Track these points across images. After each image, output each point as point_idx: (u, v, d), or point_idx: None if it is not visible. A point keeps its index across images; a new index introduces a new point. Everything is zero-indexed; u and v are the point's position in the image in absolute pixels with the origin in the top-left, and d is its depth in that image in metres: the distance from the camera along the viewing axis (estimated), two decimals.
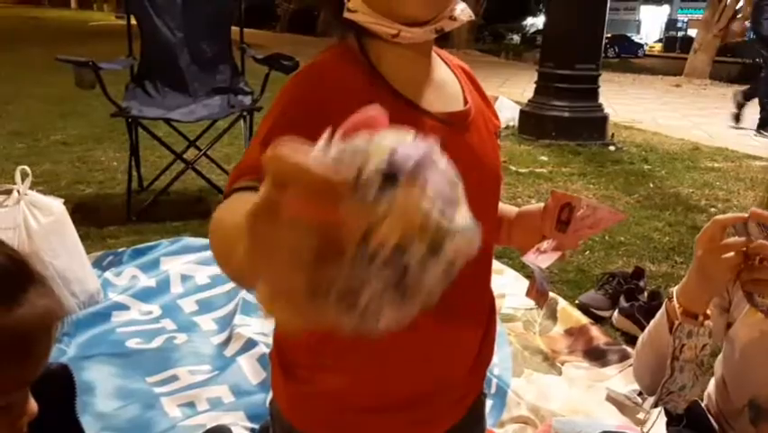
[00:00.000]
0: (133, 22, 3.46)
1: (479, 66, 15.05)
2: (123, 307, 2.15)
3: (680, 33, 43.22)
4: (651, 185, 4.27)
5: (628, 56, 31.80)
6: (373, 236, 0.34)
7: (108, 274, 2.36)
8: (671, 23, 48.05)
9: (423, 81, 0.83)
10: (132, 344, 1.95)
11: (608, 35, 33.83)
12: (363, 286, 0.35)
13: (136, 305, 2.18)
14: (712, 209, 3.76)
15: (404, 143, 0.36)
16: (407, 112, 0.78)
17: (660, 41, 43.53)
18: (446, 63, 0.90)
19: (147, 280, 2.32)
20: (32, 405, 0.75)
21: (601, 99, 5.68)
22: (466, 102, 0.87)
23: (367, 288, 0.35)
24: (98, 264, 2.41)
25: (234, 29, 3.60)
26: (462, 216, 0.38)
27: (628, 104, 8.78)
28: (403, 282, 0.36)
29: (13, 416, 0.72)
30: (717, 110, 8.69)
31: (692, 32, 26.38)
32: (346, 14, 0.78)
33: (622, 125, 6.52)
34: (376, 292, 0.35)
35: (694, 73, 14.26)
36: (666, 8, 49.63)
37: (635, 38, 39.06)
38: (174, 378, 1.78)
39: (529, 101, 5.78)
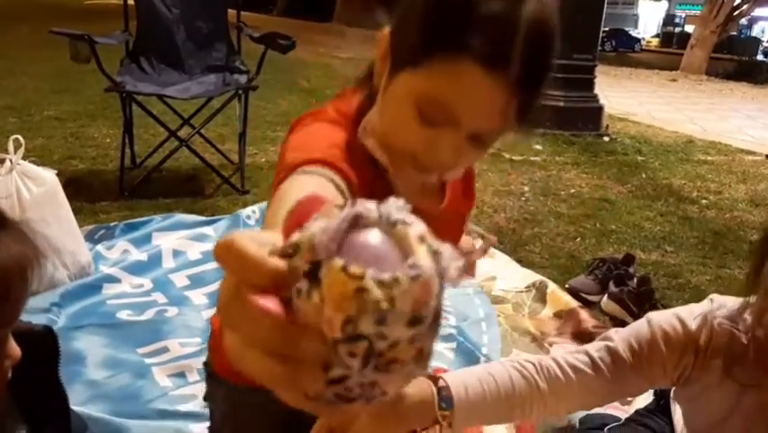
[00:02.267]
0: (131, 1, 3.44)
1: None
2: (114, 279, 2.15)
3: (677, 29, 43.23)
4: (644, 175, 4.29)
5: (625, 50, 31.78)
6: (325, 327, 0.32)
7: (100, 247, 2.35)
8: (668, 19, 48.07)
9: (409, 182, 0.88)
10: (123, 315, 1.96)
11: (606, 29, 33.89)
12: (345, 379, 0.33)
13: (127, 278, 2.17)
14: (703, 201, 3.79)
15: (328, 222, 0.33)
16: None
17: (657, 36, 43.52)
18: None
19: (139, 255, 2.31)
20: (15, 349, 0.75)
21: (597, 91, 5.69)
22: (443, 202, 0.96)
23: (350, 377, 0.33)
24: (90, 238, 2.41)
25: (231, 12, 3.58)
26: (417, 257, 0.33)
27: (624, 96, 8.80)
28: (377, 358, 0.33)
29: None
30: (713, 105, 8.74)
31: (690, 28, 26.41)
32: (359, 133, 0.85)
33: (617, 117, 6.54)
34: (361, 377, 0.33)
35: (690, 68, 14.30)
36: (664, 3, 49.63)
37: (633, 32, 39.02)
38: (164, 349, 1.78)
39: None
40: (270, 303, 0.32)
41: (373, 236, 0.34)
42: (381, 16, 0.82)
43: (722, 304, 1.00)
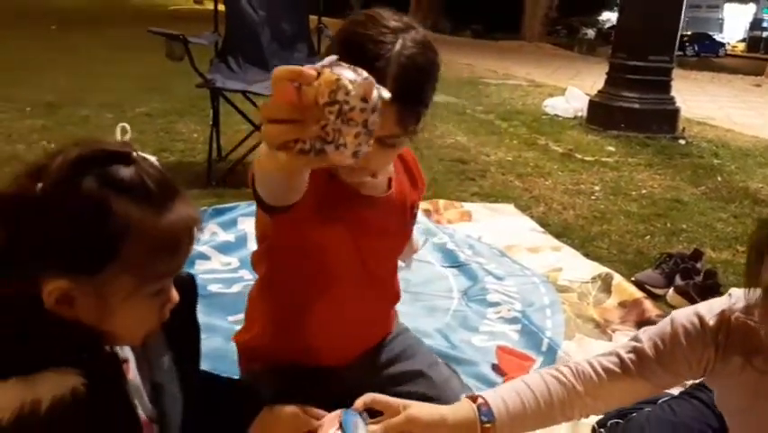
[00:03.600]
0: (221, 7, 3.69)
1: (550, 59, 14.91)
2: (204, 257, 2.35)
3: (765, 33, 41.40)
4: (719, 178, 4.24)
5: (708, 55, 30.72)
6: (319, 96, 0.68)
7: None
8: (756, 23, 46.00)
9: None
10: (214, 288, 2.14)
11: (688, 33, 32.79)
12: (326, 125, 0.69)
13: (216, 256, 2.37)
14: None
15: (333, 61, 0.72)
16: (344, 191, 1.19)
17: (743, 40, 41.81)
18: None
19: (226, 236, 2.51)
20: (174, 294, 0.90)
21: (674, 94, 5.61)
22: (390, 187, 1.25)
23: (329, 124, 0.69)
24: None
25: (312, 17, 3.79)
26: (359, 78, 0.70)
27: (703, 100, 8.58)
28: (343, 113, 0.69)
29: (162, 299, 0.88)
30: None
31: None
32: None
33: (695, 121, 6.41)
34: (334, 125, 0.69)
35: None
36: (752, 7, 47.53)
37: (717, 36, 37.63)
38: None
39: (599, 92, 5.76)
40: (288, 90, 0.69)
41: (344, 65, 0.71)
42: (445, 22, 1.06)
43: (739, 297, 1.03)
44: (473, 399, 1.06)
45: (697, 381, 1.38)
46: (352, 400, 1.25)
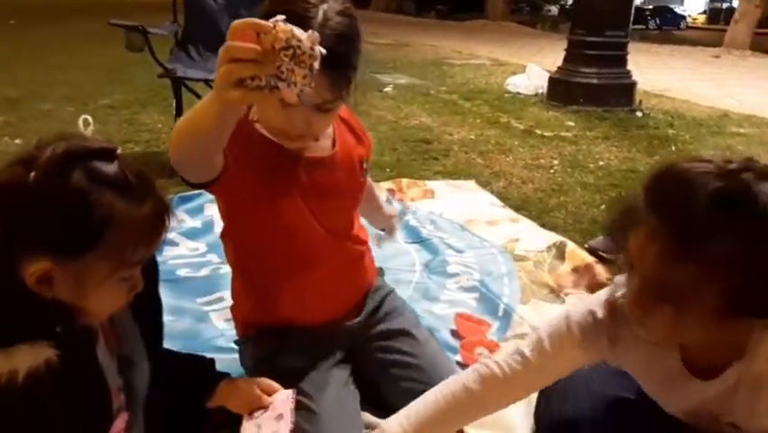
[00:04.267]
0: None
1: (514, 37, 15.01)
2: (172, 243, 2.41)
3: (725, 5, 41.97)
4: (673, 148, 4.38)
5: (670, 27, 31.06)
6: (276, 42, 0.84)
7: None
8: None
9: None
10: (183, 273, 2.21)
11: (650, 7, 33.06)
12: (281, 65, 0.85)
13: (184, 242, 2.43)
14: None
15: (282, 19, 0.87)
16: (291, 155, 1.31)
17: (704, 12, 42.34)
18: None
19: (193, 222, 2.57)
20: (141, 280, 0.97)
21: (635, 69, 5.75)
22: (334, 146, 1.39)
23: (283, 64, 0.85)
24: None
25: None
26: (306, 35, 0.86)
27: (662, 73, 8.76)
28: (298, 56, 0.85)
29: (131, 283, 0.95)
30: (754, 80, 8.63)
31: (737, 3, 25.67)
32: (252, 120, 1.30)
33: (652, 94, 6.57)
34: (288, 65, 0.85)
35: (734, 44, 14.00)
36: None
37: (678, 9, 38.05)
38: (221, 299, 2.02)
39: (558, 68, 5.87)
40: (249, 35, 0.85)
41: (296, 31, 0.85)
42: (409, 4, 1.19)
43: (620, 283, 1.07)
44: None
45: None
46: (347, 354, 1.48)
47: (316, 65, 0.87)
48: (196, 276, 2.19)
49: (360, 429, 1.36)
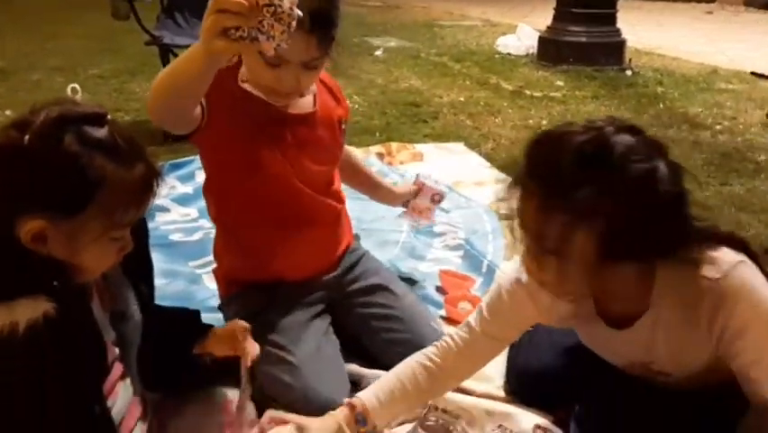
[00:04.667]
0: None
1: None
2: (164, 209, 2.46)
3: None
4: (661, 105, 4.41)
5: None
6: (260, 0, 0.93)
7: None
8: None
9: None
10: (175, 237, 2.26)
11: None
12: (263, 20, 0.93)
13: (176, 208, 2.48)
14: (717, 126, 3.90)
15: None
16: (276, 112, 1.41)
17: None
18: None
19: (184, 188, 2.62)
20: (130, 241, 1.02)
21: (626, 27, 5.72)
22: (315, 104, 1.49)
23: (265, 19, 0.93)
24: None
25: None
26: (291, 12, 0.96)
27: (654, 31, 8.71)
28: (278, 13, 0.94)
29: (121, 244, 1.00)
30: (746, 36, 8.59)
31: None
32: (239, 82, 1.39)
33: (643, 52, 6.55)
34: (269, 21, 0.94)
35: (728, 0, 13.89)
36: None
37: None
38: (212, 262, 2.07)
39: (548, 27, 5.85)
40: None
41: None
42: None
43: None
44: (352, 406, 1.23)
45: None
46: (326, 306, 1.57)
47: (294, 24, 0.98)
48: (189, 240, 2.24)
49: (341, 375, 1.42)
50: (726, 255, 1.04)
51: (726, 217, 2.56)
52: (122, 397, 1.10)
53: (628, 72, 5.44)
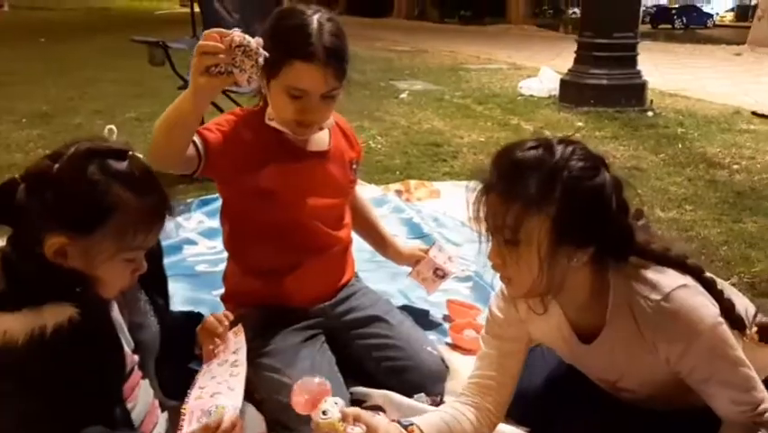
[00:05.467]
0: (197, 9, 3.92)
1: (533, 41, 15.12)
2: (192, 242, 2.60)
3: (753, 1, 41.40)
4: (680, 146, 4.47)
5: (696, 26, 30.75)
6: (233, 42, 1.23)
7: (179, 219, 2.81)
8: None
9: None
10: (201, 268, 2.39)
11: (676, 6, 32.65)
12: (236, 57, 1.22)
13: (203, 241, 2.62)
14: (735, 166, 3.95)
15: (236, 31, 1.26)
16: (294, 149, 1.59)
17: (732, 9, 41.78)
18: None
19: (211, 223, 2.75)
20: (144, 264, 1.15)
21: (654, 69, 5.83)
22: (329, 144, 1.66)
23: (237, 57, 1.22)
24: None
25: None
26: (254, 40, 1.26)
27: (680, 73, 8.79)
28: (247, 51, 1.23)
29: (134, 266, 1.12)
30: None
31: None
32: (267, 121, 1.57)
33: (668, 93, 6.63)
34: (240, 57, 1.23)
35: (757, 42, 13.89)
36: None
37: (705, 8, 37.66)
38: None
39: (569, 70, 5.99)
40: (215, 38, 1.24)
41: (248, 39, 1.25)
42: (432, 10, 1.47)
43: None
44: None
45: None
46: (321, 334, 1.66)
47: (260, 60, 1.26)
48: (213, 271, 2.36)
49: (339, 388, 1.49)
50: (668, 278, 1.14)
51: (734, 252, 2.60)
52: (141, 400, 1.21)
53: (649, 113, 5.52)
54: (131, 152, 1.09)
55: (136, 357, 1.21)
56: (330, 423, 1.09)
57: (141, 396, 1.21)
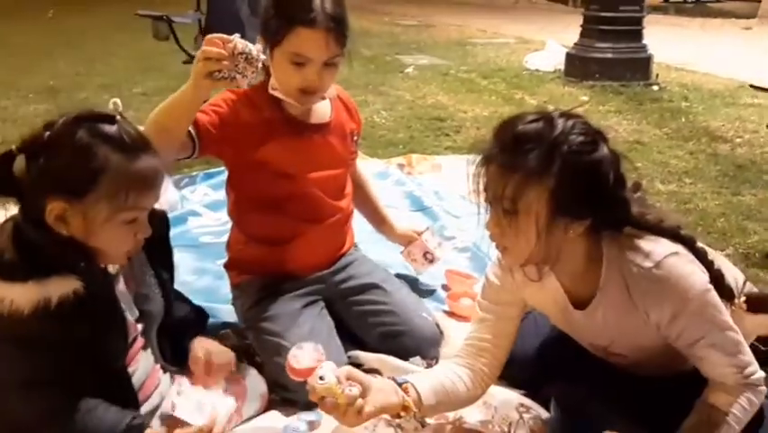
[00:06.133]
0: None
1: (542, 15, 14.91)
2: (196, 214, 2.66)
3: None
4: (683, 120, 4.47)
5: (708, 0, 30.26)
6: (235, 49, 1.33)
7: (185, 191, 2.87)
8: None
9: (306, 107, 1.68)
10: (205, 239, 2.45)
11: None
12: (238, 64, 1.32)
13: (207, 213, 2.68)
14: (737, 139, 3.96)
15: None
16: (295, 123, 1.64)
17: None
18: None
19: (216, 195, 2.81)
20: (147, 227, 1.19)
21: (658, 43, 5.78)
22: (330, 116, 1.70)
23: (239, 63, 1.32)
24: (176, 185, 2.92)
25: None
26: (256, 46, 1.37)
27: (686, 47, 8.69)
28: (249, 58, 1.33)
29: (135, 227, 1.16)
30: None
31: None
32: (270, 90, 1.59)
33: (673, 67, 6.58)
34: (243, 64, 1.33)
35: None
36: None
37: None
38: None
39: (575, 44, 5.95)
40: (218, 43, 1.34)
41: (249, 46, 1.35)
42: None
43: None
44: (405, 390, 1.26)
45: None
46: (320, 301, 1.72)
47: (260, 65, 1.35)
48: (217, 242, 2.41)
49: (338, 352, 1.57)
50: (660, 247, 1.18)
51: (731, 224, 2.64)
52: (143, 365, 1.27)
53: (654, 87, 5.50)
54: (119, 117, 1.13)
55: (140, 326, 1.27)
56: (327, 387, 1.13)
57: (142, 362, 1.27)
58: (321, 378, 1.14)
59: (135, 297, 1.30)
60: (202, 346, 1.39)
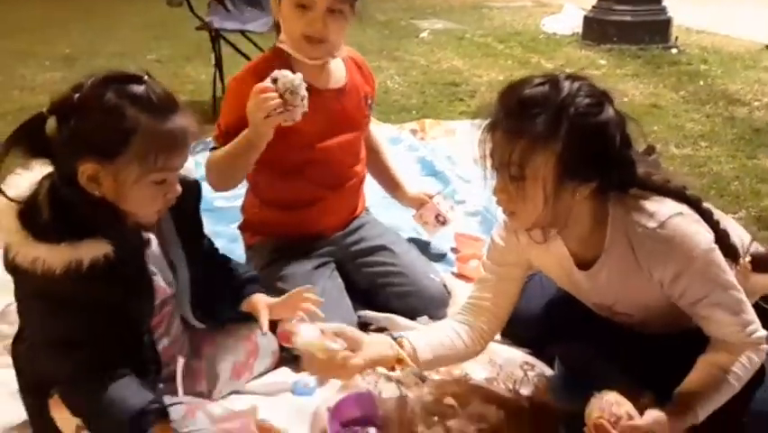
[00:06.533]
0: None
1: None
2: None
3: None
4: (701, 83, 4.40)
5: None
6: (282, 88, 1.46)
7: (198, 157, 2.88)
8: None
9: (320, 71, 1.70)
10: (219, 203, 2.48)
11: None
12: (287, 101, 1.46)
13: None
14: (755, 103, 3.90)
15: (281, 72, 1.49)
16: (311, 89, 1.58)
17: None
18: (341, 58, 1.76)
19: None
20: (177, 186, 1.21)
21: (678, 5, 5.66)
22: (345, 80, 1.73)
23: (288, 97, 1.46)
24: (190, 150, 2.94)
25: None
26: (297, 75, 1.48)
27: (708, 9, 8.47)
28: (294, 93, 1.47)
29: (165, 188, 1.18)
30: None
31: None
32: (278, 43, 1.66)
33: (693, 30, 6.44)
34: (290, 97, 1.46)
35: None
36: None
37: None
38: None
39: (593, 7, 5.85)
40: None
41: (288, 77, 1.47)
42: None
43: None
44: (400, 344, 1.29)
45: None
46: (331, 262, 1.76)
47: (305, 96, 1.47)
48: (231, 206, 2.45)
49: (348, 313, 1.62)
50: (665, 207, 1.19)
51: (745, 187, 2.63)
52: (173, 331, 1.31)
53: (673, 50, 5.40)
54: (146, 77, 1.14)
55: (170, 290, 1.30)
56: (308, 344, 1.17)
57: (172, 328, 1.32)
58: (301, 337, 1.19)
59: (169, 263, 1.32)
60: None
